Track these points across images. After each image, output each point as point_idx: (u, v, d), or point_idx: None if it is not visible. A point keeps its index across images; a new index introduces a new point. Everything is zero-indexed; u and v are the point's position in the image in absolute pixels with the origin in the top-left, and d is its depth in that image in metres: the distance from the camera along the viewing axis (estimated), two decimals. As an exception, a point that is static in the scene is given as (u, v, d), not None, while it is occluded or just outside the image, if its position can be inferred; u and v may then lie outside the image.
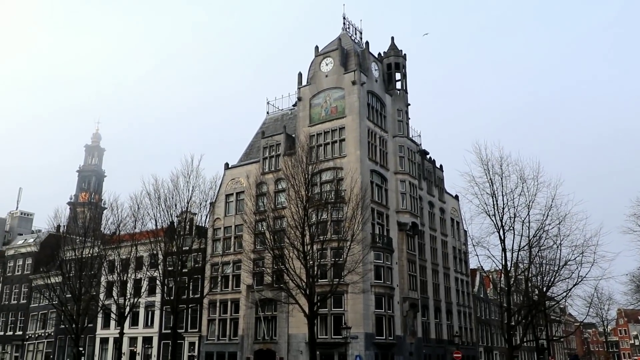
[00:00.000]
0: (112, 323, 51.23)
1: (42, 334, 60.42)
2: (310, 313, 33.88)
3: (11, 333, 63.73)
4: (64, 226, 52.85)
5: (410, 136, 50.67)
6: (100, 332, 54.51)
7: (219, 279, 46.14)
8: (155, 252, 42.33)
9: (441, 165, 58.63)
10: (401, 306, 43.75)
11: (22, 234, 78.31)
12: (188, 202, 40.14)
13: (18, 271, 65.89)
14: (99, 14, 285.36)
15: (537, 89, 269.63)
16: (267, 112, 55.10)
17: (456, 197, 59.49)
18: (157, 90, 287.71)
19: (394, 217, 45.65)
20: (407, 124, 49.84)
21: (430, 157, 56.55)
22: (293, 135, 47.65)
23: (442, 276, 53.83)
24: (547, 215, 39.00)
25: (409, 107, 50.48)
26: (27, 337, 61.92)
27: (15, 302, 64.84)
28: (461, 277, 58.56)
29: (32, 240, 67.31)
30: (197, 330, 47.60)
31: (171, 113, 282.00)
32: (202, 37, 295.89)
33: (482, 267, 47.42)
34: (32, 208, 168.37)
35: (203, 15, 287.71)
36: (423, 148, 55.52)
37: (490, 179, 40.17)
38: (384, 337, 40.42)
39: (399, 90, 50.07)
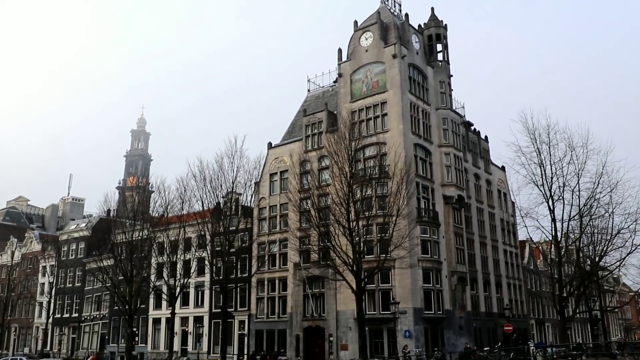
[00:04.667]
0: (164, 303, 52.63)
1: (97, 316, 62.61)
2: (358, 289, 33.91)
3: (68, 315, 66.26)
4: (114, 210, 54.39)
5: (454, 108, 49.58)
6: (152, 313, 56.08)
7: (266, 258, 46.57)
8: (202, 233, 43.12)
9: (486, 136, 57.26)
10: (449, 280, 43.29)
11: (74, 219, 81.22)
12: (233, 183, 40.56)
13: (72, 255, 68.17)
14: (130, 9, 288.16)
15: (585, 50, 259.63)
16: (308, 90, 54.81)
17: (502, 168, 58.11)
18: (199, 76, 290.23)
19: (439, 191, 44.98)
20: (450, 95, 48.77)
21: (474, 129, 55.28)
22: (335, 112, 47.28)
23: (491, 249, 52.95)
24: (598, 183, 37.93)
25: (451, 78, 49.32)
26: (83, 318, 64.23)
27: (71, 285, 67.26)
28: (510, 249, 57.46)
29: (84, 225, 69.45)
30: (246, 308, 48.34)
31: (212, 97, 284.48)
32: (243, 23, 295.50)
33: (531, 238, 46.47)
34: (83, 194, 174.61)
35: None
36: (467, 119, 54.29)
37: (538, 148, 39.13)
38: (432, 312, 40.17)
39: (440, 61, 48.91)
